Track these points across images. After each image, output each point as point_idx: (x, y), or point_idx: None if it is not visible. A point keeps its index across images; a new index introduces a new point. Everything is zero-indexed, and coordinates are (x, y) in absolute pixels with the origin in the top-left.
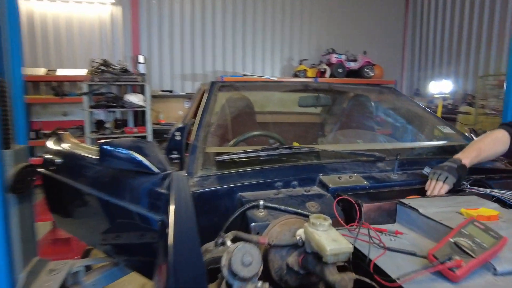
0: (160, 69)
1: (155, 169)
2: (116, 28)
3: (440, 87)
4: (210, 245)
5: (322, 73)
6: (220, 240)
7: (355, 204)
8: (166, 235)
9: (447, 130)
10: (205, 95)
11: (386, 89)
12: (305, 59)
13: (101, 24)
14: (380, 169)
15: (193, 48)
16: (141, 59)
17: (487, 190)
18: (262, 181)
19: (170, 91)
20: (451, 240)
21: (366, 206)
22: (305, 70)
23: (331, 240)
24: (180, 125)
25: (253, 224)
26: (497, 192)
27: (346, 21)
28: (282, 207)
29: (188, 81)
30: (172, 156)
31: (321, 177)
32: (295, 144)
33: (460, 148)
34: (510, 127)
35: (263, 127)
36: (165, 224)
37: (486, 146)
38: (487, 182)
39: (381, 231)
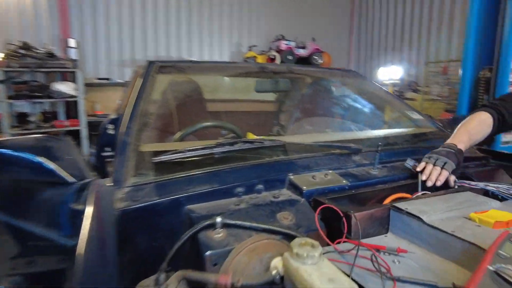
0: (95, 54)
1: (69, 178)
2: (39, 6)
3: (390, 74)
4: (148, 282)
5: (272, 60)
6: (161, 279)
7: (343, 217)
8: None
9: (416, 115)
10: (141, 78)
11: (349, 73)
12: (255, 45)
13: (19, 1)
14: (357, 164)
15: (132, 31)
16: (71, 42)
17: (481, 184)
18: (218, 188)
19: (107, 79)
20: (491, 268)
21: (357, 216)
22: (254, 56)
23: (327, 280)
24: (114, 116)
25: (208, 252)
26: (491, 186)
27: (295, 7)
28: (247, 223)
29: (128, 68)
30: (105, 154)
31: (291, 177)
32: (250, 136)
33: (436, 135)
34: (491, 108)
35: (215, 117)
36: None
37: (474, 130)
38: (468, 173)
39: (378, 249)
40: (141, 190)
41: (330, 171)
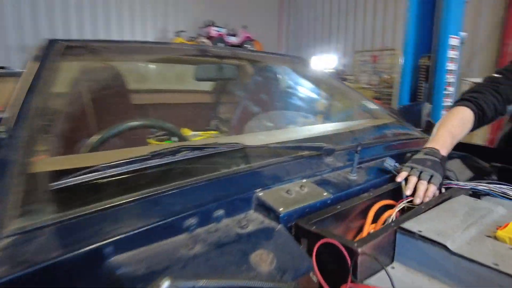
0: None
1: None
2: None
3: (324, 63)
4: None
5: None
6: None
7: (346, 254)
8: None
9: (373, 105)
10: (36, 63)
11: (298, 59)
12: (183, 31)
13: None
14: (331, 167)
15: (34, 9)
16: None
17: (470, 184)
18: (160, 222)
19: (2, 67)
20: None
21: (363, 250)
22: (182, 43)
23: None
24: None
25: None
26: (483, 186)
27: None
28: (211, 284)
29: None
30: None
31: (260, 194)
32: (185, 132)
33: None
34: (471, 102)
35: (143, 112)
36: None
37: (457, 131)
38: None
39: None
40: (31, 241)
41: (305, 180)
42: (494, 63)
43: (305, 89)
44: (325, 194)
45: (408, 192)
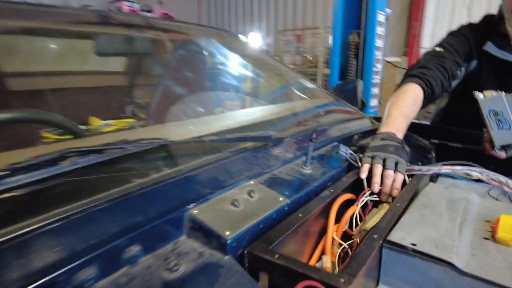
0: None
1: None
2: None
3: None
4: None
5: None
6: None
7: None
8: None
9: (311, 85)
10: None
11: (227, 33)
12: (88, 5)
13: None
14: (281, 160)
15: None
16: None
17: (434, 168)
18: (40, 283)
19: None
20: None
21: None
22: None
23: None
24: None
25: None
26: (447, 169)
27: None
28: None
29: None
30: None
31: (194, 212)
32: (94, 122)
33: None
34: (420, 79)
35: (25, 101)
36: None
37: (411, 111)
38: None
39: None
40: None
41: (253, 182)
42: (403, 43)
43: (238, 66)
44: (281, 199)
45: (376, 187)
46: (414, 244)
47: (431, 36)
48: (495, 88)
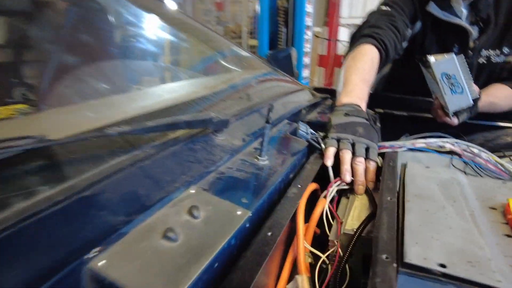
0: None
1: None
2: None
3: None
4: None
5: None
6: None
7: None
8: None
9: (244, 53)
10: None
11: None
12: None
13: None
14: (228, 151)
15: None
16: None
17: (406, 144)
18: None
19: None
20: None
21: None
22: None
23: None
24: None
25: None
26: (421, 143)
27: None
28: None
29: None
30: None
31: (98, 265)
32: None
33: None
34: (375, 39)
35: None
36: None
37: (369, 74)
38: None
39: None
40: None
41: (193, 191)
42: (324, 13)
43: (155, 29)
44: (239, 212)
45: (348, 177)
46: (443, 266)
47: (348, 6)
48: (439, 51)
